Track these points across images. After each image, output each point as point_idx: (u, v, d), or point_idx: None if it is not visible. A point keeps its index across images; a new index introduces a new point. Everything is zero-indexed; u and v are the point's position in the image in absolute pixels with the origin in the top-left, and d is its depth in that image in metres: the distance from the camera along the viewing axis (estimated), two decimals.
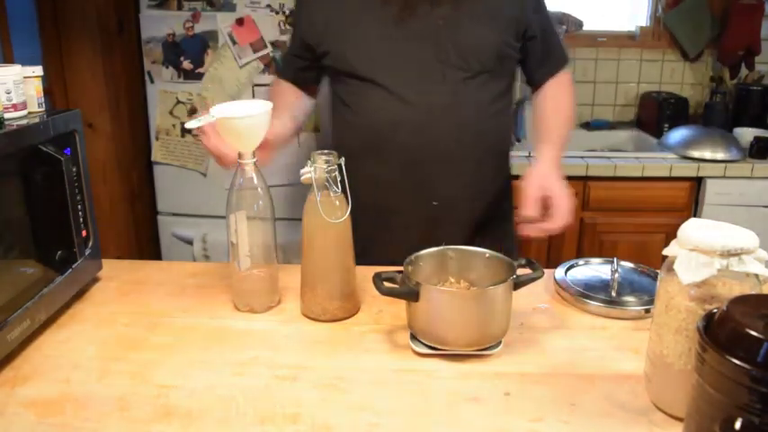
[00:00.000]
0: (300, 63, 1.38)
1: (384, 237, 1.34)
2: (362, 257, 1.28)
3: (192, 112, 2.34)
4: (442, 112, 1.26)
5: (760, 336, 0.58)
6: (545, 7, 1.37)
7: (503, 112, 1.34)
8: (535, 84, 1.42)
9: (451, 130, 1.27)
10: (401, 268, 0.96)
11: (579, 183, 2.35)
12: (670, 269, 0.77)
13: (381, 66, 1.26)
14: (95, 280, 1.18)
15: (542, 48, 1.35)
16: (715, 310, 0.66)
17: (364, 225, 1.37)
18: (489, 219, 1.37)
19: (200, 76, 2.30)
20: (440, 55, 1.24)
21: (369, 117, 1.30)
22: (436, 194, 1.30)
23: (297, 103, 1.41)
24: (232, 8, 2.23)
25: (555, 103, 1.40)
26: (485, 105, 1.29)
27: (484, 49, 1.25)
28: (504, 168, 1.43)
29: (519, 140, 2.50)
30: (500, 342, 0.94)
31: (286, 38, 2.22)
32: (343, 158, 1.01)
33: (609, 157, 2.38)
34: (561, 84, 1.41)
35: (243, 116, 0.98)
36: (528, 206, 1.21)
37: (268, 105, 1.02)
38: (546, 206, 1.22)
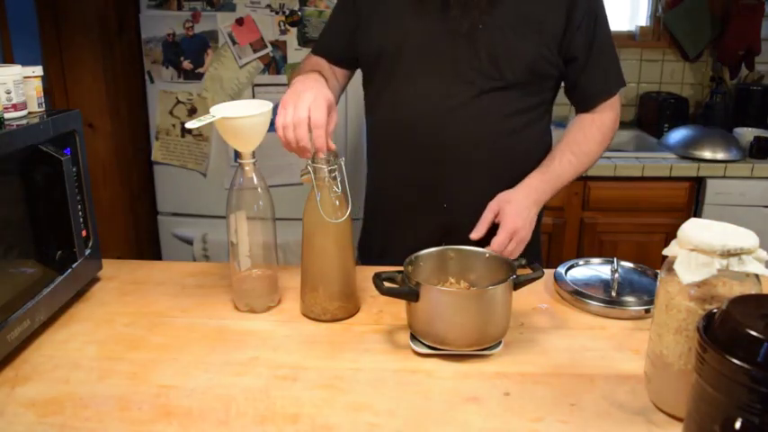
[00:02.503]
0: (337, 40, 1.35)
1: (400, 237, 1.32)
2: (381, 258, 1.28)
3: (192, 112, 2.34)
4: (463, 118, 1.22)
5: (760, 336, 0.58)
6: (601, 32, 1.24)
7: (532, 130, 1.28)
8: (576, 108, 1.33)
9: (470, 137, 1.23)
10: (401, 268, 0.96)
11: (579, 183, 2.36)
12: (670, 269, 0.77)
13: (412, 59, 1.24)
14: (95, 280, 1.18)
15: (582, 74, 1.26)
16: (715, 310, 0.66)
17: (383, 225, 1.38)
18: None
19: (200, 76, 2.30)
20: (472, 60, 1.20)
21: (393, 111, 1.29)
22: (448, 198, 1.27)
23: (331, 78, 1.33)
24: (232, 8, 2.23)
25: (579, 137, 1.28)
26: (511, 119, 1.24)
27: (518, 61, 1.19)
28: None
29: None
30: (500, 342, 0.94)
31: (286, 38, 2.23)
32: (343, 158, 1.01)
33: (609, 157, 2.38)
34: (600, 126, 1.29)
35: (243, 116, 0.98)
36: (476, 227, 1.16)
37: (268, 105, 1.02)
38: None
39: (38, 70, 1.04)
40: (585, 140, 1.28)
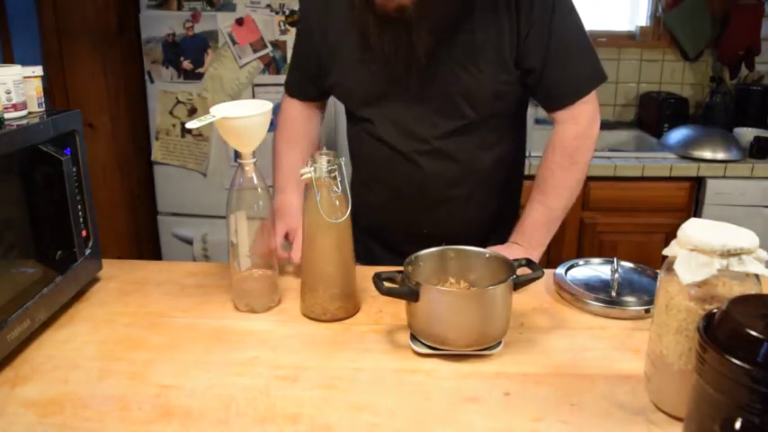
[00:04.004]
0: (308, 78, 1.32)
1: (385, 253, 1.33)
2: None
3: (192, 112, 2.34)
4: (434, 158, 1.21)
5: (760, 336, 0.58)
6: (557, 37, 1.14)
7: (507, 152, 1.27)
8: (547, 110, 1.24)
9: (443, 176, 1.22)
10: (401, 268, 0.96)
11: None
12: (670, 269, 0.77)
13: (371, 106, 1.23)
14: (95, 280, 1.18)
15: (543, 82, 1.17)
16: (715, 310, 0.66)
17: (365, 242, 1.36)
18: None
19: (200, 76, 2.30)
20: (431, 103, 1.17)
21: (362, 154, 1.31)
22: (429, 226, 1.26)
23: (309, 127, 1.36)
24: (232, 8, 2.23)
25: (546, 174, 1.23)
26: (484, 152, 1.23)
27: (478, 97, 1.16)
28: (511, 203, 1.38)
29: None
30: (500, 342, 0.94)
31: (286, 38, 2.23)
32: (343, 159, 1.01)
33: (609, 157, 2.38)
34: (562, 149, 1.21)
35: (243, 116, 0.98)
36: None
37: (268, 105, 1.02)
38: None
39: (38, 70, 1.04)
40: (551, 174, 1.22)
